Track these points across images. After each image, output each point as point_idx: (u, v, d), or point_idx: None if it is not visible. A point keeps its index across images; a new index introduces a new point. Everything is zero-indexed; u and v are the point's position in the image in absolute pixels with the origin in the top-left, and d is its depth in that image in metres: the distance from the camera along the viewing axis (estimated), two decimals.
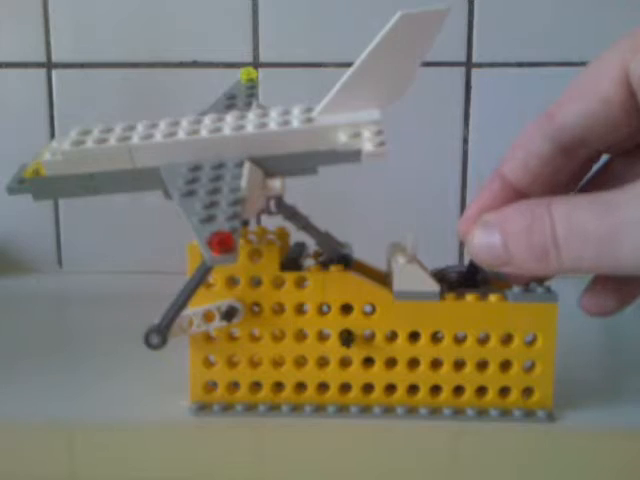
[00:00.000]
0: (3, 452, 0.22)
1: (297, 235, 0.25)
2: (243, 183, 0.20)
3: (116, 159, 0.22)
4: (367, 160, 0.21)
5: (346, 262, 0.23)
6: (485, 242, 0.20)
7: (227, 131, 0.22)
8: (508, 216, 0.20)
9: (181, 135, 0.22)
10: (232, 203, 0.20)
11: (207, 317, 0.23)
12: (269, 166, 0.22)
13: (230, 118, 0.23)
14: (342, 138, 0.22)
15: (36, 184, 0.23)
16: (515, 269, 0.20)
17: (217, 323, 0.23)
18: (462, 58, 0.41)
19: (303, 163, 0.22)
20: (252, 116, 0.23)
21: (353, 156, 0.21)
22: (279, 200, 0.23)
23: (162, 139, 0.22)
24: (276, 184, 0.22)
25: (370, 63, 0.21)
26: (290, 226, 0.25)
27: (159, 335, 0.22)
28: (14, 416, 0.24)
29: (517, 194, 0.21)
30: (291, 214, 0.23)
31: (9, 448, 0.22)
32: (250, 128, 0.22)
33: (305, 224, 0.23)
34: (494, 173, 0.22)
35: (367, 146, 0.21)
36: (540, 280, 0.23)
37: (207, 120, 0.23)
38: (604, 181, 0.22)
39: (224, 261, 0.19)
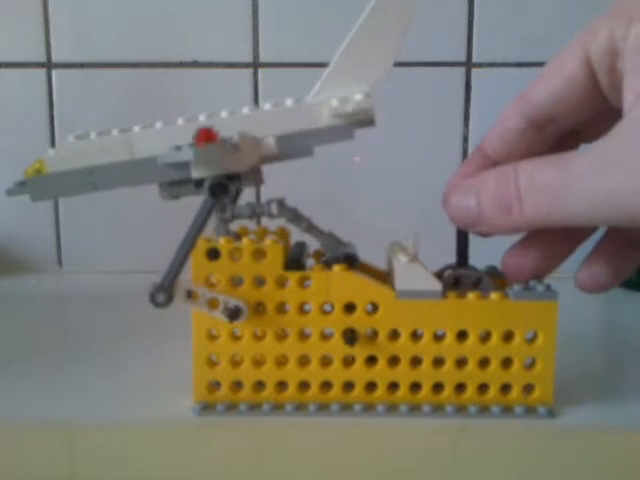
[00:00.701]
0: (3, 452, 0.22)
1: (297, 235, 0.25)
2: (235, 134, 0.22)
3: (115, 150, 0.23)
4: (356, 123, 0.23)
5: (352, 261, 0.23)
6: (462, 203, 0.22)
7: (223, 114, 0.23)
8: (482, 178, 0.22)
9: (180, 122, 0.23)
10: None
11: (211, 303, 0.23)
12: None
13: (225, 111, 0.24)
14: (331, 109, 0.23)
15: (35, 184, 0.23)
16: (487, 228, 0.22)
17: (218, 314, 0.23)
18: (462, 58, 0.41)
19: (297, 142, 0.23)
20: (247, 107, 0.24)
21: (344, 128, 0.23)
22: (281, 203, 0.23)
23: (161, 126, 0.23)
24: (270, 141, 0.23)
25: (355, 43, 0.23)
26: (290, 226, 0.25)
27: (164, 293, 0.22)
28: (14, 416, 0.24)
29: (495, 166, 0.22)
30: (293, 216, 0.23)
31: (9, 448, 0.22)
32: (244, 111, 0.23)
33: (308, 226, 0.23)
34: (475, 148, 0.24)
35: (354, 107, 0.23)
36: (539, 278, 0.24)
37: (202, 116, 0.24)
38: None
39: (210, 152, 0.20)
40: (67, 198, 0.25)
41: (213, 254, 0.23)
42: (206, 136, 0.21)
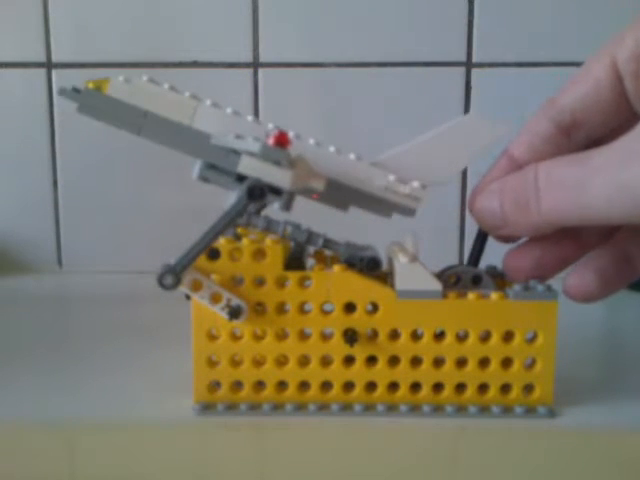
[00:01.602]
0: (3, 452, 0.22)
1: None
2: (297, 154, 0.22)
3: (179, 110, 0.23)
4: (400, 207, 0.24)
5: (375, 264, 0.23)
6: (487, 206, 0.22)
7: (290, 133, 0.23)
8: (506, 180, 0.22)
9: (249, 118, 0.24)
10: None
11: (214, 297, 0.23)
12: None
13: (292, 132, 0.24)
14: (388, 182, 0.24)
15: (89, 97, 0.23)
16: (509, 229, 0.22)
17: (218, 309, 0.23)
18: (462, 58, 0.41)
19: (342, 194, 0.24)
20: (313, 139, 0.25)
21: (388, 205, 0.24)
22: (296, 227, 0.23)
23: (231, 112, 0.24)
24: (321, 178, 0.23)
25: (432, 143, 0.24)
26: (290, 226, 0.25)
27: (173, 276, 0.22)
28: (14, 416, 0.23)
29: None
30: (308, 238, 0.23)
31: (9, 448, 0.22)
32: (313, 141, 0.24)
33: (324, 242, 0.24)
34: (502, 152, 0.24)
35: (402, 199, 0.24)
36: (540, 278, 0.24)
37: (271, 124, 0.24)
38: None
39: (276, 153, 0.21)
40: (111, 127, 0.23)
41: (213, 254, 0.23)
42: (281, 139, 0.21)
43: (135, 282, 0.39)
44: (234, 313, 0.23)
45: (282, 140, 0.22)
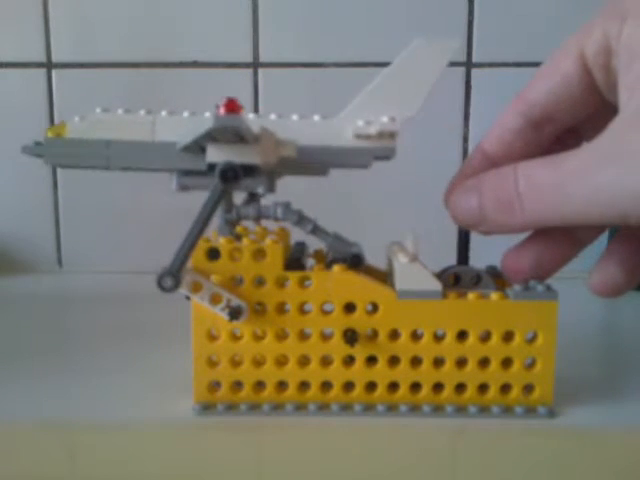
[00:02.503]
0: (3, 452, 0.22)
1: (297, 235, 0.25)
2: (258, 128, 0.22)
3: (138, 129, 0.23)
4: (377, 149, 0.23)
5: (358, 261, 0.23)
6: (464, 204, 0.22)
7: (250, 115, 0.24)
8: (483, 178, 0.22)
9: (207, 114, 0.24)
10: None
11: (214, 298, 0.23)
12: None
13: (252, 113, 0.24)
14: (356, 129, 0.23)
15: (52, 146, 0.23)
16: (489, 227, 0.22)
17: (219, 310, 0.23)
18: (462, 58, 0.41)
19: (316, 156, 0.23)
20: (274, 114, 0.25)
21: (363, 152, 0.23)
22: (286, 206, 0.23)
23: (187, 115, 0.24)
24: (290, 145, 0.23)
25: (387, 79, 0.24)
26: (291, 226, 0.25)
27: (172, 278, 0.22)
28: (14, 416, 0.24)
29: (494, 166, 0.23)
30: (298, 219, 0.23)
31: (9, 448, 0.22)
32: (271, 116, 0.24)
33: (313, 228, 0.23)
34: (475, 148, 0.24)
35: (376, 142, 0.23)
36: (540, 278, 0.24)
37: None
38: None
39: (231, 120, 0.20)
40: (82, 169, 0.24)
41: (213, 254, 0.23)
42: (231, 105, 0.21)
43: (135, 282, 0.39)
44: (234, 313, 0.23)
45: (232, 107, 0.21)
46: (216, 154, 0.22)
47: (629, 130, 0.19)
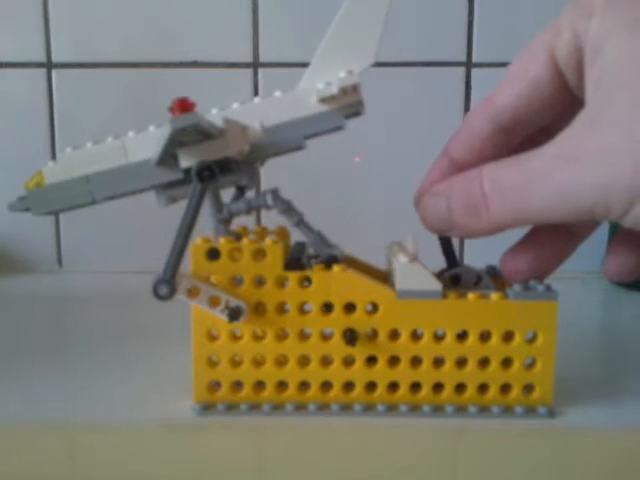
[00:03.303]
0: (3, 452, 0.22)
1: (297, 235, 0.25)
2: (219, 119, 0.22)
3: (110, 156, 0.23)
4: (344, 107, 0.23)
5: (331, 263, 0.23)
6: (432, 209, 0.22)
7: (213, 111, 0.23)
8: (451, 183, 0.22)
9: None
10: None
11: (212, 301, 0.23)
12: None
13: (215, 109, 0.24)
14: (318, 93, 0.23)
15: (35, 197, 0.24)
16: (458, 231, 0.22)
17: (218, 312, 0.23)
18: (462, 58, 0.41)
19: (285, 131, 0.23)
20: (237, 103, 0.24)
21: (332, 114, 0.23)
22: (275, 193, 0.23)
23: (154, 129, 0.24)
24: (255, 127, 0.22)
25: (336, 34, 0.23)
26: (290, 226, 0.25)
27: (167, 285, 0.22)
28: (14, 416, 0.24)
29: (462, 171, 0.22)
30: (287, 208, 0.23)
31: (9, 448, 0.22)
32: (234, 106, 0.23)
33: (299, 221, 0.23)
34: (441, 152, 0.24)
35: (343, 99, 0.23)
36: (540, 279, 0.24)
37: None
38: None
39: (187, 119, 0.20)
40: (68, 212, 0.25)
41: (213, 254, 0.23)
42: (183, 105, 0.21)
43: (135, 282, 0.39)
44: (234, 315, 0.23)
45: (184, 106, 0.21)
46: (188, 158, 0.22)
47: (591, 127, 0.19)
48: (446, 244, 0.25)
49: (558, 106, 0.21)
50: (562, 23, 0.20)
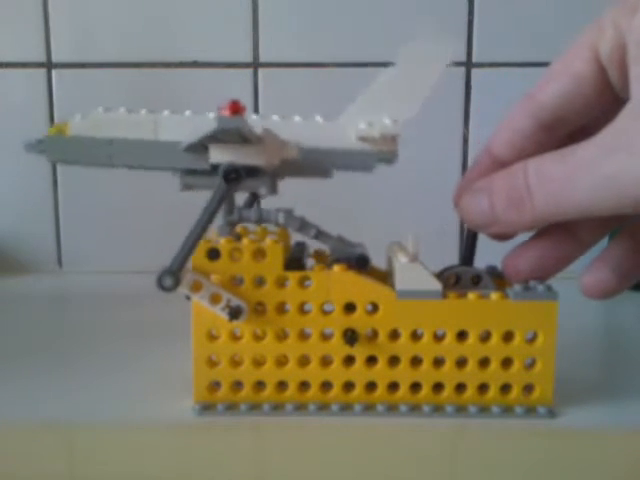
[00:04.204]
0: (3, 452, 0.22)
1: (297, 235, 0.25)
2: (259, 129, 0.22)
3: (141, 128, 0.23)
4: (379, 153, 0.24)
5: (364, 262, 0.23)
6: (474, 205, 0.22)
7: (253, 116, 0.24)
8: (493, 179, 0.22)
9: (210, 115, 0.24)
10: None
11: (214, 298, 0.23)
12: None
13: (254, 114, 0.24)
14: (358, 131, 0.23)
15: (54, 143, 0.23)
16: (500, 227, 0.22)
17: (218, 310, 0.23)
18: (462, 58, 0.41)
19: (318, 158, 0.23)
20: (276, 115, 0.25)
21: (366, 155, 0.23)
22: (289, 213, 0.23)
23: (190, 114, 0.23)
24: (293, 146, 0.23)
25: (388, 80, 0.24)
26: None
27: (172, 277, 0.22)
28: (14, 416, 0.23)
29: (504, 167, 0.22)
30: (301, 225, 0.23)
31: (9, 448, 0.22)
32: (274, 117, 0.24)
33: (316, 233, 0.23)
34: (483, 150, 0.24)
35: (379, 145, 0.23)
36: (543, 280, 0.24)
37: None
38: None
39: (234, 121, 0.21)
40: (84, 167, 0.24)
41: (213, 254, 0.23)
42: (234, 107, 0.21)
43: (135, 282, 0.39)
44: (234, 313, 0.23)
45: (236, 108, 0.21)
46: (219, 155, 0.22)
47: (637, 118, 0.19)
48: (471, 241, 0.25)
49: (599, 105, 0.21)
50: (605, 21, 0.20)
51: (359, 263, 0.23)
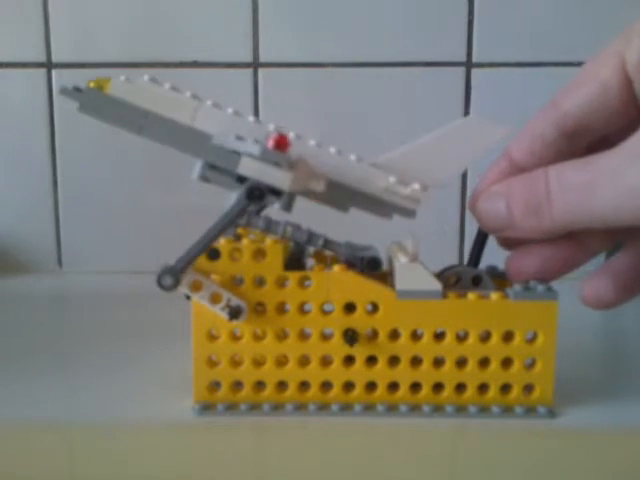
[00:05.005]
0: (2, 452, 0.22)
1: None
2: (297, 155, 0.22)
3: (180, 110, 0.23)
4: (400, 208, 0.24)
5: (376, 264, 0.23)
6: (491, 208, 0.22)
7: (291, 134, 0.23)
8: (512, 184, 0.22)
9: (250, 118, 0.24)
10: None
11: (214, 297, 0.23)
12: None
13: (293, 132, 0.24)
14: (388, 183, 0.24)
15: (90, 96, 0.23)
16: (517, 232, 0.22)
17: (218, 309, 0.23)
18: (462, 58, 0.41)
19: (343, 194, 0.24)
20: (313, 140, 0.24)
21: (388, 206, 0.24)
22: (296, 228, 0.23)
23: (232, 112, 0.23)
24: (321, 180, 0.23)
25: (430, 145, 0.24)
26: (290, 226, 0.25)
27: (172, 276, 0.22)
28: (14, 416, 0.24)
29: (522, 172, 0.22)
30: (308, 238, 0.23)
31: (9, 448, 0.22)
32: (311, 142, 0.24)
33: (324, 242, 0.24)
34: (502, 153, 0.24)
35: (402, 201, 0.24)
36: (541, 279, 0.24)
37: (272, 125, 0.24)
38: None
39: (276, 156, 0.21)
40: (110, 127, 0.23)
41: (213, 254, 0.23)
42: (280, 142, 0.22)
43: (135, 282, 0.39)
44: (234, 313, 0.23)
45: (281, 143, 0.22)
46: (249, 168, 0.22)
47: None
48: (481, 242, 0.25)
49: (623, 115, 0.21)
50: (633, 31, 0.20)
51: (371, 266, 0.23)
